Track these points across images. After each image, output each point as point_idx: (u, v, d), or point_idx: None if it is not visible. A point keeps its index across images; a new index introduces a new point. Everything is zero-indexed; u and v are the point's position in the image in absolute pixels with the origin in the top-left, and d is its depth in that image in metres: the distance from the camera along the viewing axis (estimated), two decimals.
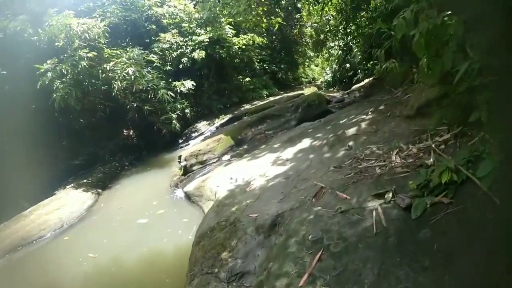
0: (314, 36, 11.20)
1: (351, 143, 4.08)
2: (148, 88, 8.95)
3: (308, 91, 16.36)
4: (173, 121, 9.85)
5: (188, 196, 5.17)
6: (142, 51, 8.75)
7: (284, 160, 4.56)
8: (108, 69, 7.30)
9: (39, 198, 6.39)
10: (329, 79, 17.06)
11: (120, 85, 7.26)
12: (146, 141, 10.45)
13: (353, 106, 6.95)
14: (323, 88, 17.94)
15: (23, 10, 6.91)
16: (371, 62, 11.44)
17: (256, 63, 14.78)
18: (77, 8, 9.03)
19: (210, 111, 11.86)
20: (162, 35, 10.64)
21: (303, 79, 29.18)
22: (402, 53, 5.95)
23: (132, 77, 7.38)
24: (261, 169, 4.50)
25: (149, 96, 8.89)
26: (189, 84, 10.10)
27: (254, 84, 13.81)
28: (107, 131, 10.21)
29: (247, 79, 13.20)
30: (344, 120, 5.48)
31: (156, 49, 10.33)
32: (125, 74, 7.24)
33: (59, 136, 8.70)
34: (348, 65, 15.06)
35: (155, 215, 5.16)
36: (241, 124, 8.42)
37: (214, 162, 6.37)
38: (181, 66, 10.97)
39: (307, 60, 28.11)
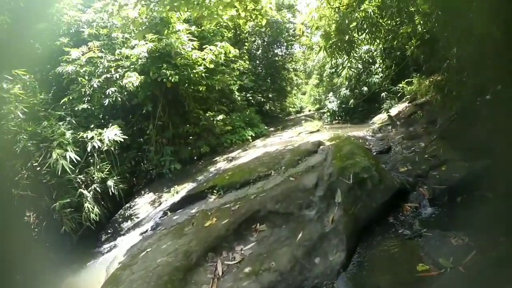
0: (333, 36, 6.17)
1: None
2: (31, 148, 4.47)
3: (309, 126, 12.14)
4: (87, 205, 5.17)
5: None
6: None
7: None
8: None
9: None
10: (334, 108, 13.34)
11: None
12: (49, 232, 5.61)
13: None
14: (326, 121, 13.92)
15: None
16: (405, 80, 8.73)
17: (236, 92, 10.53)
18: None
19: (160, 173, 7.24)
20: (71, 51, 6.28)
21: (291, 109, 26.17)
22: None
23: None
24: None
25: (29, 165, 4.28)
26: (111, 133, 5.55)
27: (233, 123, 9.38)
28: None
29: (221, 116, 8.58)
30: None
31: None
32: None
33: None
34: (365, 88, 11.43)
35: None
36: (192, 241, 2.93)
37: None
38: (106, 101, 6.53)
39: (295, 88, 24.95)
